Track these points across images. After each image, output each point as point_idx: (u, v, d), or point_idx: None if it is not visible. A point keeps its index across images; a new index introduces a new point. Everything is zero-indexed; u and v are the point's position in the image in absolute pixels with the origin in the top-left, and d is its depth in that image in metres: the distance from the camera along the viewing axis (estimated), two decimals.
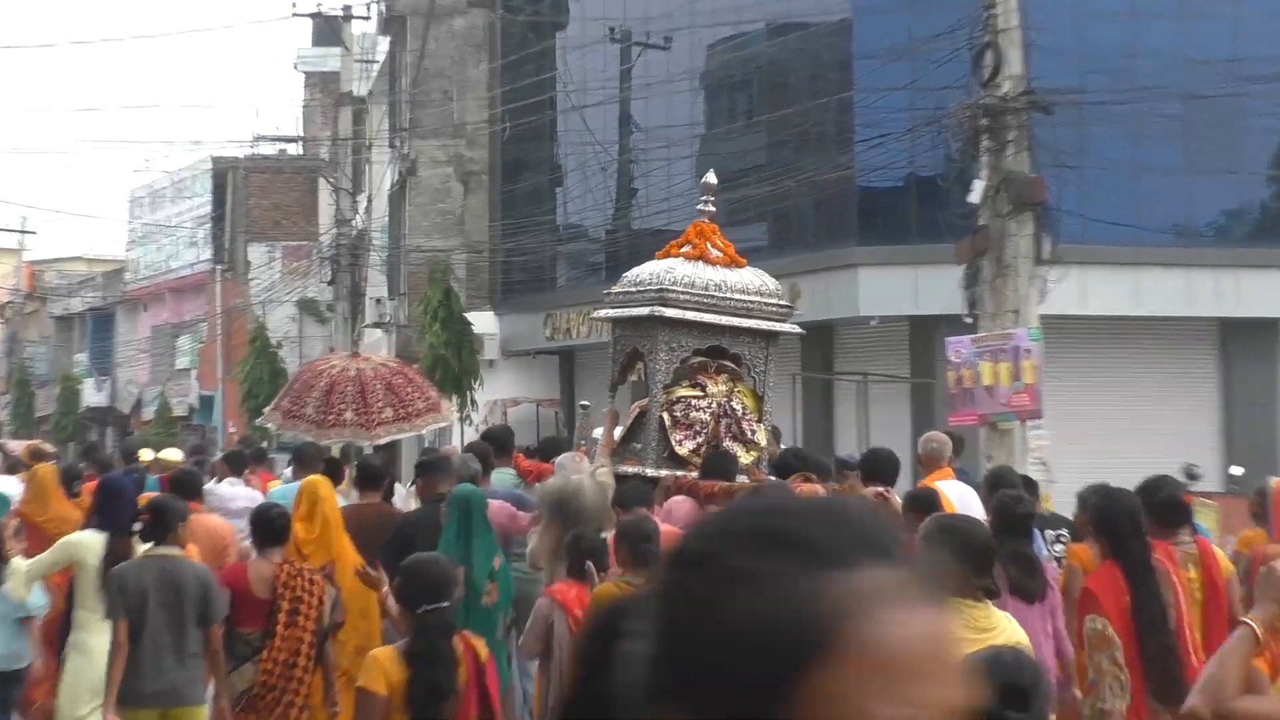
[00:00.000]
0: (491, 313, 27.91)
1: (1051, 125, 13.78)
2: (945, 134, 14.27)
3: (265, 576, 6.75)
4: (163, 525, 6.83)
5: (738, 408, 9.14)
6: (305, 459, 10.73)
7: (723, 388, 9.19)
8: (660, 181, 23.99)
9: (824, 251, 20.13)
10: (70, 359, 55.57)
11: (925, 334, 19.12)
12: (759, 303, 9.28)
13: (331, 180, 34.93)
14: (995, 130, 12.67)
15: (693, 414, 9.04)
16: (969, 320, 13.12)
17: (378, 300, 30.19)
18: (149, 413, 44.87)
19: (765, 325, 9.30)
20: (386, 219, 31.13)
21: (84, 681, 7.37)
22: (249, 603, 6.67)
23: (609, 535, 6.54)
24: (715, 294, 9.16)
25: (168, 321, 47.30)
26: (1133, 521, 5.49)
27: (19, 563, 7.90)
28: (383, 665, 5.00)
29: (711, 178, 10.12)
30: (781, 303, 9.41)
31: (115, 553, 7.40)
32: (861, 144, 19.89)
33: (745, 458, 8.92)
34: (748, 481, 8.28)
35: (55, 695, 7.59)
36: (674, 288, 9.06)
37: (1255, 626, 3.68)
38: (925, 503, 6.53)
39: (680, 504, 7.44)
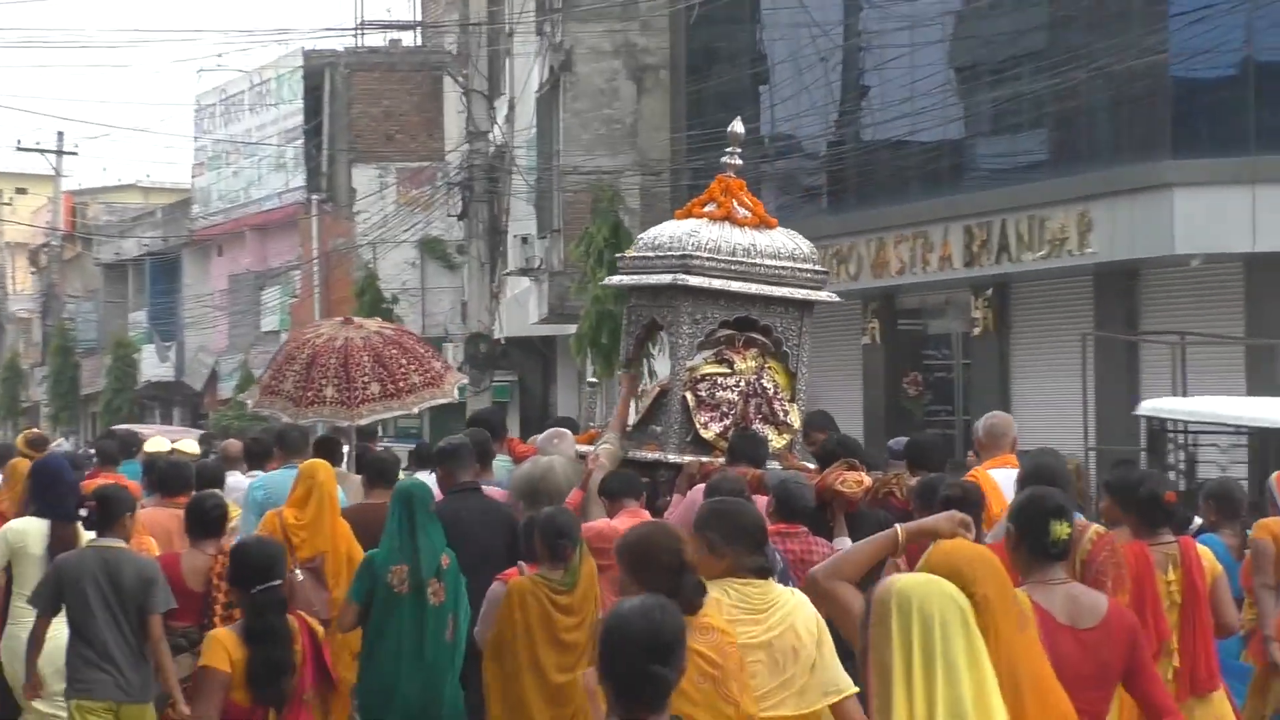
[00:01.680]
0: None
1: None
2: None
3: (199, 568, 8.53)
4: (107, 515, 8.51)
5: (768, 386, 10.28)
6: (289, 444, 12.08)
7: (752, 364, 10.33)
8: (900, 75, 24.11)
9: (1125, 167, 20.09)
10: (124, 319, 57.50)
11: (1267, 277, 18.97)
12: (792, 268, 10.38)
13: (460, 80, 35.63)
14: None
15: (719, 393, 10.17)
16: None
17: (523, 239, 30.83)
18: (227, 389, 45.98)
19: (799, 294, 10.40)
20: (534, 131, 31.72)
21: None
22: (181, 595, 8.35)
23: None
24: (744, 259, 10.26)
25: (249, 269, 48.65)
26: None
27: None
28: (224, 644, 6.79)
29: (738, 126, 11.21)
30: (817, 268, 10.60)
31: (59, 539, 9.23)
32: (1178, 19, 19.75)
33: (777, 441, 10.08)
34: (779, 467, 9.53)
35: None
36: (698, 253, 10.14)
37: (900, 533, 5.41)
38: (929, 491, 7.84)
39: (703, 493, 8.31)
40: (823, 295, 10.62)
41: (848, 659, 5.64)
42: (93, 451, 15.55)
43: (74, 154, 60.88)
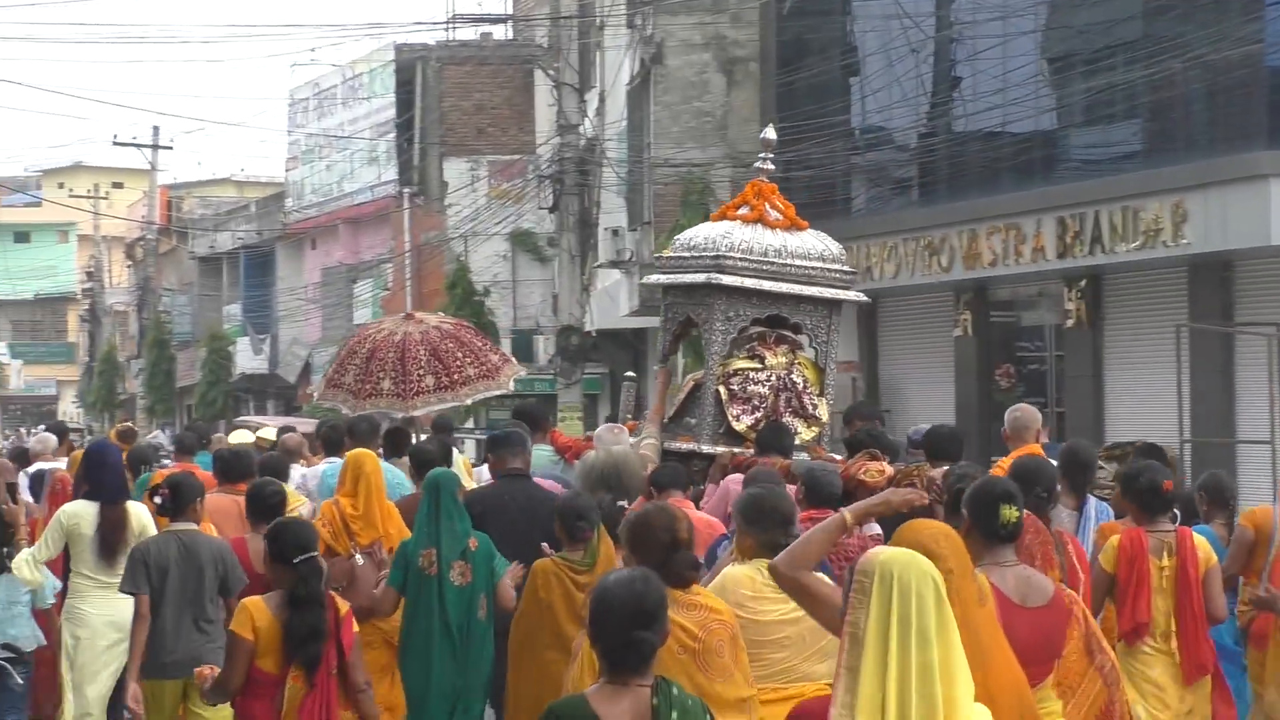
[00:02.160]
0: None
1: None
2: None
3: (260, 551, 8.44)
4: (180, 501, 9.25)
5: (798, 381, 11.03)
6: (358, 434, 12.74)
7: (782, 359, 11.08)
8: (993, 66, 24.02)
9: (1221, 158, 19.95)
10: (219, 312, 58.08)
11: None
12: (821, 269, 11.18)
13: (552, 73, 35.80)
14: None
15: (750, 387, 10.92)
16: None
17: (614, 232, 30.93)
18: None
19: (828, 293, 11.19)
20: (624, 124, 31.82)
21: (85, 651, 10.11)
22: (248, 575, 8.94)
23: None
24: (775, 260, 11.04)
25: (342, 262, 49.02)
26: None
27: (26, 551, 10.64)
28: (250, 613, 7.23)
29: (770, 133, 11.99)
30: (845, 268, 11.36)
31: (108, 520, 10.17)
32: (1274, 7, 19.61)
33: (806, 433, 10.85)
34: (808, 458, 10.03)
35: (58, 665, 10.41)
36: (731, 254, 10.92)
37: (846, 515, 6.03)
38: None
39: (736, 482, 9.02)
40: (851, 295, 11.40)
41: None
42: (167, 444, 16.26)
43: (169, 149, 61.39)
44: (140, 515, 10.28)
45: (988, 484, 6.51)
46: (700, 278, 10.96)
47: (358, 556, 9.76)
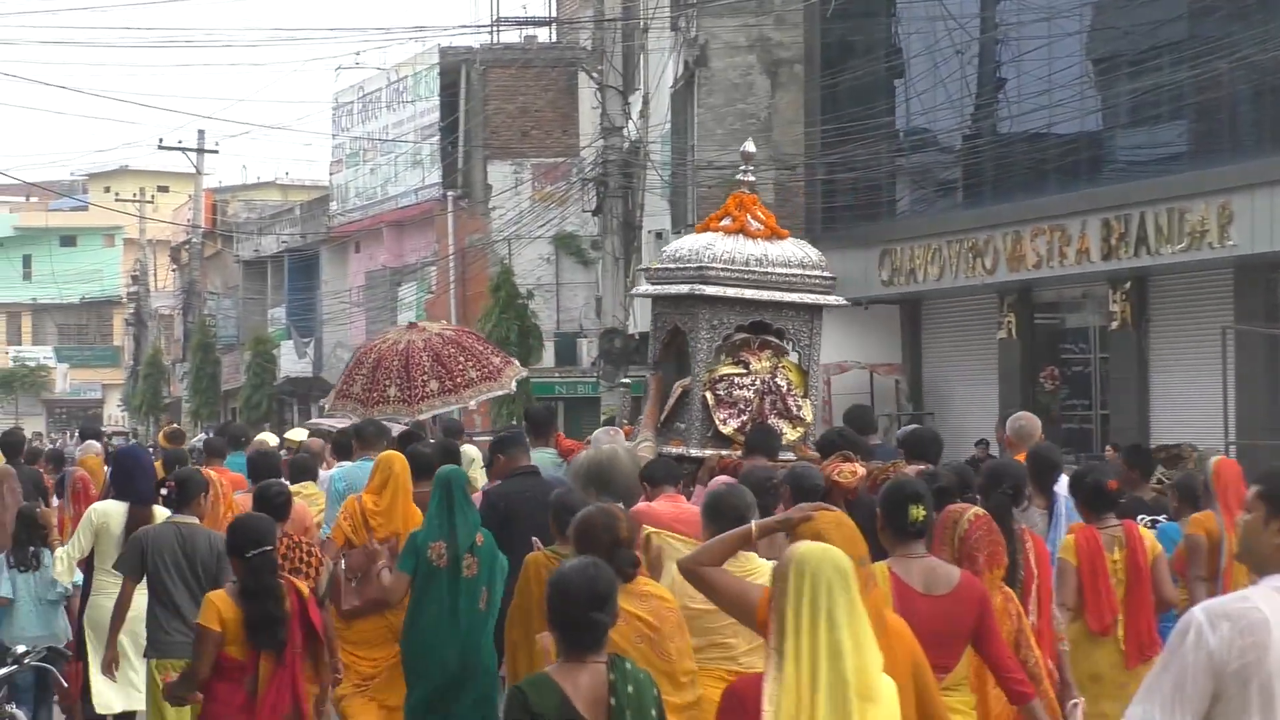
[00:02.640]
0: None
1: None
2: None
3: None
4: (184, 495, 10.03)
5: (782, 384, 11.51)
6: (364, 438, 13.08)
7: (766, 364, 11.54)
8: (1038, 68, 23.99)
9: (1267, 158, 19.90)
10: (263, 315, 58.32)
11: None
12: (801, 276, 11.59)
13: (595, 76, 35.81)
14: None
15: (736, 392, 11.42)
16: None
17: (658, 234, 30.97)
18: None
19: (809, 299, 11.65)
20: (668, 126, 31.86)
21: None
22: None
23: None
24: (756, 269, 11.49)
25: (385, 265, 49.16)
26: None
27: (61, 550, 11.55)
28: (216, 606, 7.91)
29: (750, 146, 12.35)
30: (825, 274, 11.76)
31: (135, 518, 10.79)
32: None
33: (791, 434, 11.26)
34: (794, 458, 10.46)
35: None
36: (713, 264, 11.40)
37: (754, 528, 6.70)
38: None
39: (722, 484, 9.27)
40: (831, 299, 11.80)
41: None
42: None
43: (214, 152, 61.68)
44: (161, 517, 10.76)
45: (898, 485, 7.20)
46: (684, 289, 11.50)
47: (380, 547, 10.19)
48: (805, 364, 11.78)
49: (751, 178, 12.10)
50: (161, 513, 10.68)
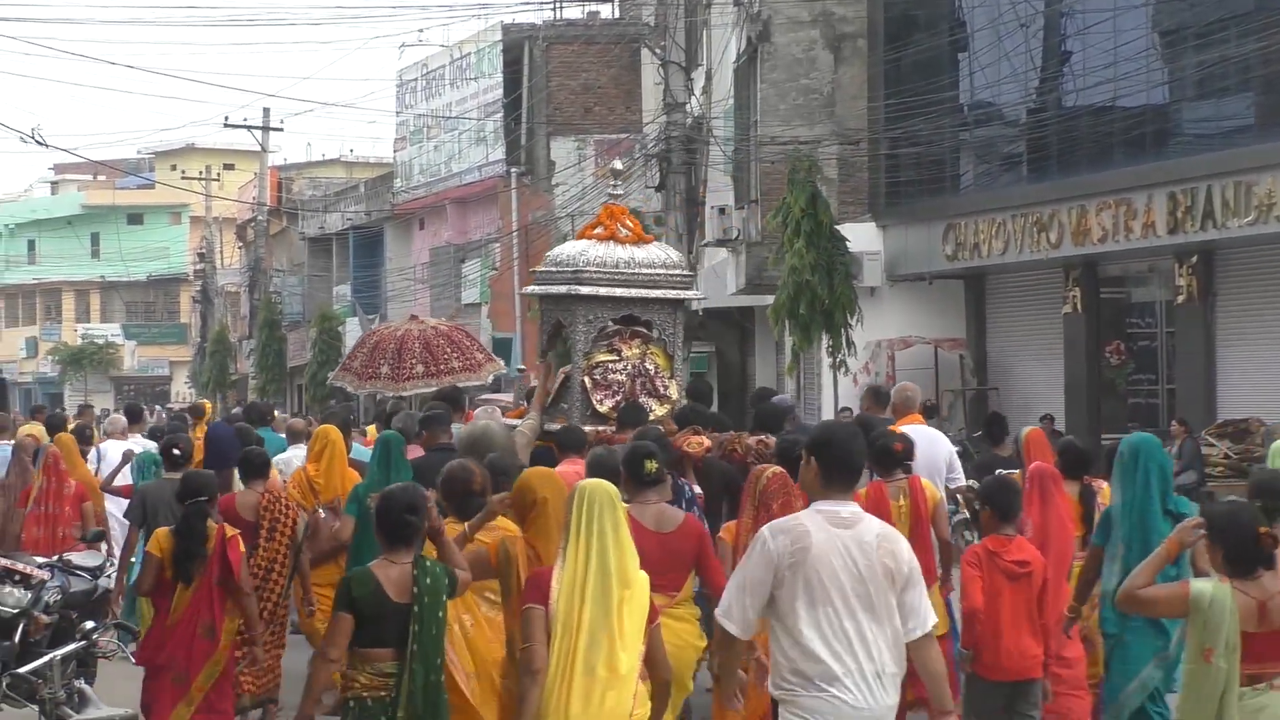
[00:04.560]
0: (873, 224, 28.28)
1: None
2: None
3: (250, 504, 11.51)
4: (181, 458, 12.29)
5: (650, 368, 13.69)
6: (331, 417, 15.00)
7: (636, 351, 13.67)
8: (1103, 40, 23.85)
9: None
10: (328, 292, 58.57)
11: None
12: (664, 274, 13.80)
13: (658, 52, 35.83)
14: None
15: (610, 376, 13.57)
16: None
17: (721, 210, 30.95)
18: None
19: (671, 294, 13.83)
20: (731, 102, 31.84)
21: None
22: (238, 524, 10.79)
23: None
24: (625, 270, 13.61)
25: (449, 242, 49.33)
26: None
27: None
28: (159, 538, 10.01)
29: (618, 164, 15.17)
30: (685, 273, 14.16)
31: (226, 482, 12.50)
32: None
33: (659, 410, 13.26)
34: (660, 429, 12.19)
35: None
36: (588, 268, 13.52)
37: (467, 526, 8.72)
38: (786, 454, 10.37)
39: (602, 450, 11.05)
40: (691, 294, 14.22)
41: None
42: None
43: (280, 130, 61.89)
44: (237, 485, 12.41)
45: (636, 447, 9.48)
46: (564, 289, 13.58)
47: (320, 510, 12.27)
48: (670, 350, 13.80)
49: (620, 191, 14.81)
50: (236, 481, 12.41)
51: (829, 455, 6.69)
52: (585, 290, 13.44)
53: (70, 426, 17.99)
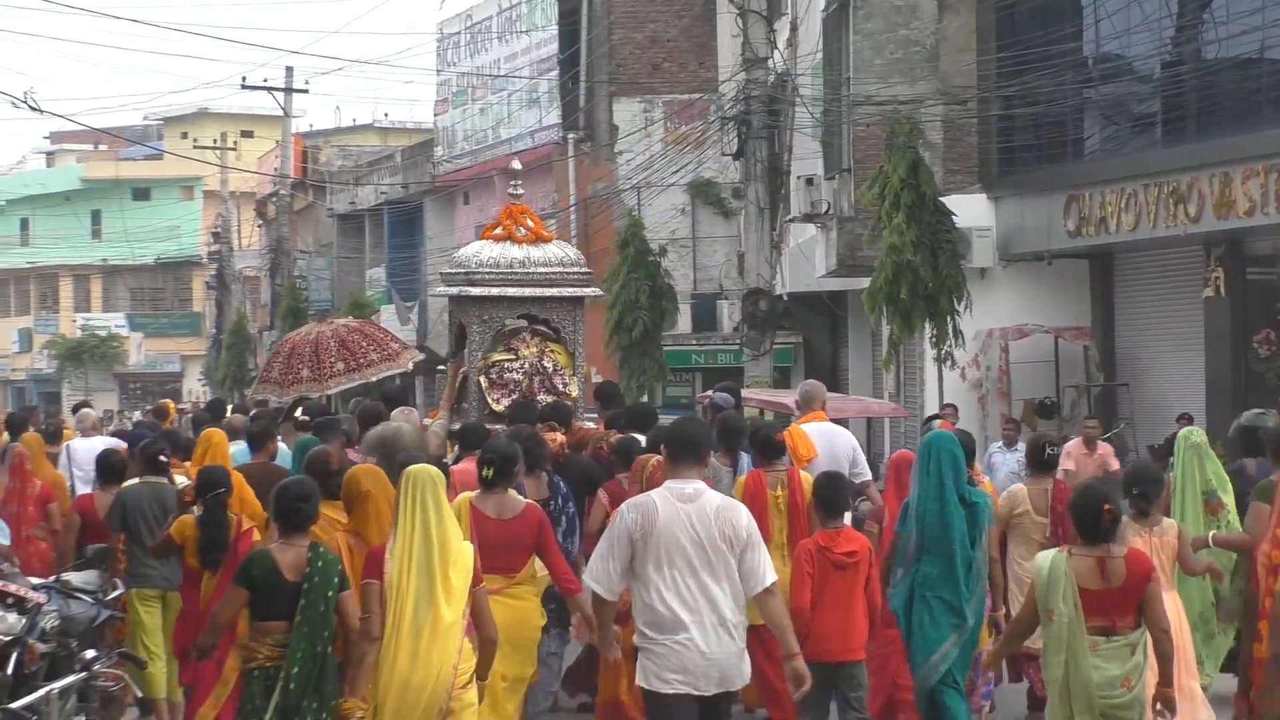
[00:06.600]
0: (983, 196, 28.19)
1: None
2: None
3: (106, 505, 13.50)
4: (158, 464, 13.69)
5: (549, 365, 15.96)
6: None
7: (533, 350, 15.92)
8: None
9: None
10: (360, 276, 58.79)
11: None
12: (561, 273, 16.01)
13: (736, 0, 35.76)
14: None
15: (506, 375, 15.83)
16: None
17: (808, 181, 30.93)
18: None
19: (568, 292, 15.99)
20: (819, 57, 31.77)
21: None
22: (95, 526, 13.48)
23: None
24: (520, 270, 15.87)
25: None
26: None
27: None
28: (182, 523, 11.97)
29: (517, 164, 17.63)
30: (583, 270, 16.32)
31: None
32: None
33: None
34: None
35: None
36: (479, 269, 15.80)
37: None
38: (624, 452, 13.68)
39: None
40: (589, 291, 16.42)
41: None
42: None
43: (304, 91, 62.17)
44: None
45: (487, 447, 11.66)
46: (455, 290, 15.89)
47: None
48: (571, 347, 15.98)
49: (521, 191, 16.88)
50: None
51: (674, 442, 9.37)
52: (476, 291, 15.78)
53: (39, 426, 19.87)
